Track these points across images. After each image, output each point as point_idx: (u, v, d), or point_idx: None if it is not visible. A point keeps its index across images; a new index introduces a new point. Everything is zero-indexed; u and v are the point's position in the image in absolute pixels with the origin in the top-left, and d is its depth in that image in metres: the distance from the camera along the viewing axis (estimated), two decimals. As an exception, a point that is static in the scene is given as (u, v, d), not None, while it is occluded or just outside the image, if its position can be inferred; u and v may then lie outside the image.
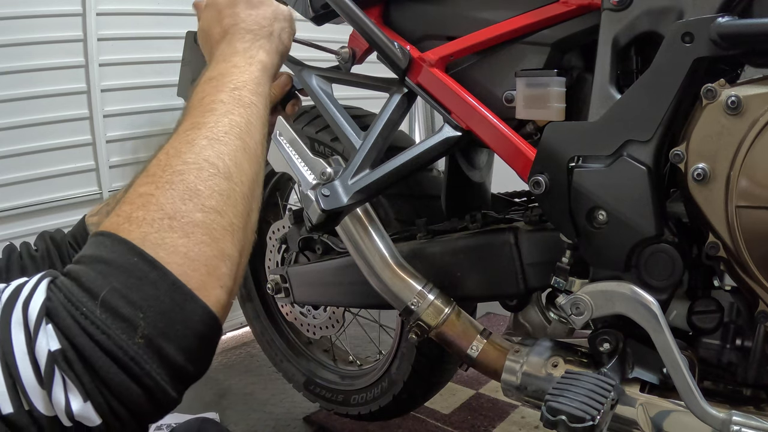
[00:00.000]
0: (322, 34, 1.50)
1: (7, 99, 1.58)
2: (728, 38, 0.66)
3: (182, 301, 0.42)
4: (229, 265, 0.47)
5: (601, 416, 0.69)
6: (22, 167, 1.63)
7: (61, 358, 0.38)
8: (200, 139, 0.51)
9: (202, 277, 0.44)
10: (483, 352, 0.93)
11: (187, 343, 0.42)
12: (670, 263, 0.75)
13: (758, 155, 0.66)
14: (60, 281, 0.41)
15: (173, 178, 0.47)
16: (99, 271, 0.41)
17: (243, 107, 0.57)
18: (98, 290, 0.40)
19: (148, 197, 0.46)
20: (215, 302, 0.44)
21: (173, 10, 1.86)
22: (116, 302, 0.40)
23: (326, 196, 0.85)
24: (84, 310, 0.39)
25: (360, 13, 0.94)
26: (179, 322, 0.42)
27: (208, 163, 0.50)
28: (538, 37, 0.85)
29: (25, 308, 0.39)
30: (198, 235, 0.45)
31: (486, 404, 1.59)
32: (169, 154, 0.50)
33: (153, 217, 0.44)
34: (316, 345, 1.62)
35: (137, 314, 0.40)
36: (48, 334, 0.38)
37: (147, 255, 0.42)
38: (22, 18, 1.58)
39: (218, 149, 0.51)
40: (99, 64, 1.72)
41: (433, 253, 1.01)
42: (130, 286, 0.41)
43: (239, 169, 0.52)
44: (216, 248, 0.46)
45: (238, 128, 0.54)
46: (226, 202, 0.48)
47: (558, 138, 0.80)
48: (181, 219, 0.45)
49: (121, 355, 0.39)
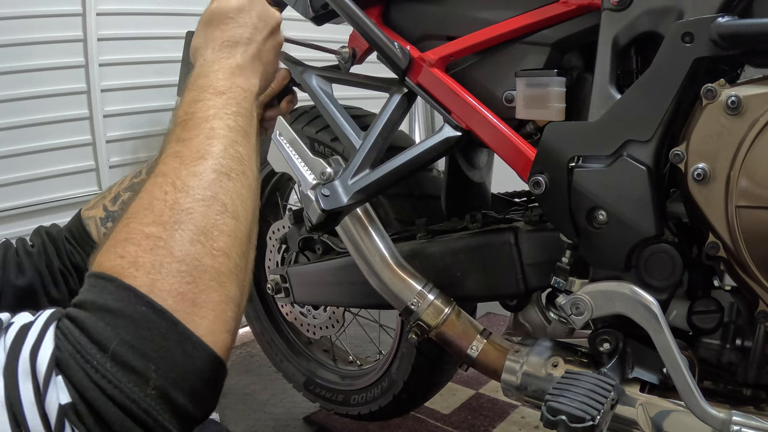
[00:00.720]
0: (322, 34, 1.50)
1: (7, 99, 1.57)
2: (728, 38, 0.66)
3: (192, 351, 0.42)
4: (233, 308, 0.46)
5: (601, 416, 0.69)
6: (22, 167, 1.63)
7: (72, 411, 0.37)
8: (209, 173, 0.49)
9: (209, 324, 0.43)
10: (483, 352, 0.93)
11: (196, 389, 0.42)
12: (670, 263, 0.75)
13: (758, 155, 0.66)
14: (66, 328, 0.40)
15: (182, 218, 0.46)
16: (106, 321, 0.40)
17: (245, 137, 0.56)
18: (107, 342, 0.39)
19: (156, 240, 0.44)
20: (222, 347, 0.44)
21: (173, 10, 1.86)
22: (127, 355, 0.39)
23: (326, 196, 0.85)
24: (95, 363, 0.39)
25: (360, 13, 0.94)
26: (189, 372, 0.42)
27: (216, 200, 0.48)
28: (538, 37, 0.85)
29: (33, 357, 0.38)
30: (206, 281, 0.44)
31: (486, 404, 1.59)
32: (177, 188, 0.48)
33: (161, 263, 0.43)
34: (316, 345, 1.62)
35: (148, 366, 0.40)
36: (58, 387, 0.38)
37: (155, 304, 0.41)
38: (22, 18, 1.57)
39: (226, 186, 0.50)
40: (99, 64, 1.72)
41: (433, 253, 1.01)
42: (140, 338, 0.40)
43: (244, 207, 0.51)
44: (223, 293, 0.45)
45: (242, 161, 0.53)
46: (232, 243, 0.48)
47: (558, 138, 0.80)
48: (190, 263, 0.44)
49: (134, 409, 0.39)
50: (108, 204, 0.83)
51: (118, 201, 0.83)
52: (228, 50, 0.65)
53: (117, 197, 0.83)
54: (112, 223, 0.81)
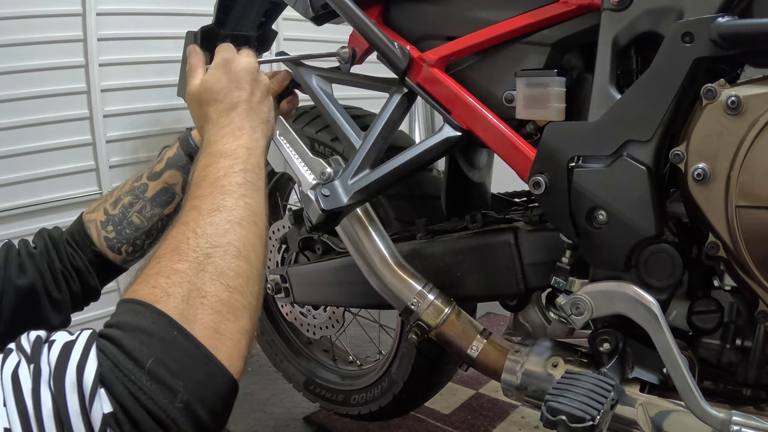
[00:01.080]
0: (322, 34, 1.50)
1: (7, 99, 1.57)
2: (728, 38, 0.66)
3: (214, 372, 0.48)
4: (247, 338, 0.53)
5: (601, 416, 0.69)
6: (22, 167, 1.63)
7: (113, 420, 0.43)
8: (224, 223, 0.57)
9: (228, 349, 0.50)
10: (483, 352, 0.93)
11: (215, 406, 0.48)
12: (670, 263, 0.75)
13: (758, 155, 0.66)
14: (105, 347, 0.46)
15: (203, 260, 0.53)
16: (142, 341, 0.46)
17: (255, 191, 0.63)
18: (144, 360, 0.45)
19: (183, 275, 0.52)
20: (236, 370, 0.51)
21: (173, 10, 1.86)
22: (160, 372, 0.45)
23: (326, 196, 0.85)
24: (133, 378, 0.44)
25: (360, 13, 0.94)
26: (211, 390, 0.48)
27: (231, 246, 0.56)
28: (538, 37, 0.85)
29: (80, 373, 0.43)
30: (225, 313, 0.51)
31: (486, 404, 1.59)
32: (198, 234, 0.55)
33: (189, 295, 0.50)
34: (316, 345, 1.62)
35: (178, 383, 0.46)
36: (102, 399, 0.43)
37: (185, 330, 0.48)
38: (22, 18, 1.57)
39: (239, 233, 0.57)
40: (99, 64, 1.72)
41: (433, 253, 1.01)
42: (172, 358, 0.46)
43: (256, 252, 0.58)
44: (239, 324, 0.52)
45: (253, 213, 0.60)
46: (246, 283, 0.55)
47: (558, 138, 0.80)
48: (211, 298, 0.51)
49: (164, 418, 0.44)
50: (108, 207, 0.83)
51: (119, 205, 0.83)
52: (225, 118, 0.72)
53: (118, 201, 0.83)
54: (112, 226, 0.82)
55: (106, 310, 1.87)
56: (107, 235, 0.82)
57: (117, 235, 0.82)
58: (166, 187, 0.84)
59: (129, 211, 0.82)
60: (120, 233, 0.82)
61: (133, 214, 0.82)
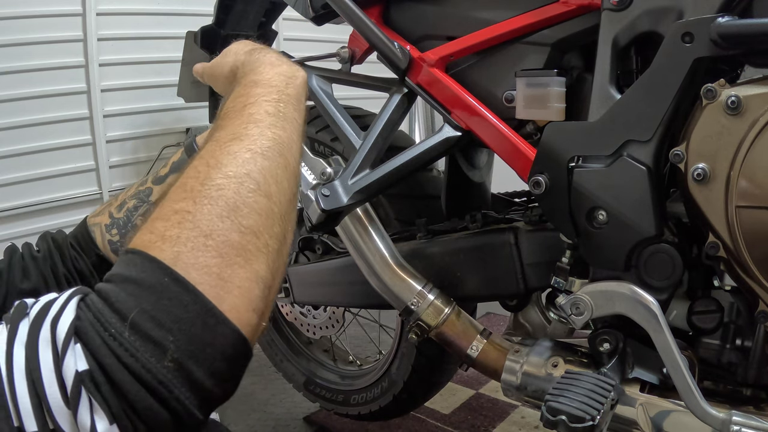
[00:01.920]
0: (322, 34, 1.50)
1: (7, 99, 1.58)
2: (728, 38, 0.66)
3: (213, 324, 0.41)
4: (262, 288, 0.45)
5: (601, 416, 0.69)
6: (22, 167, 1.63)
7: (89, 379, 0.37)
8: (243, 152, 0.49)
9: (234, 299, 0.42)
10: (483, 352, 0.93)
11: (216, 366, 0.41)
12: (670, 263, 0.75)
13: (758, 155, 0.66)
14: (90, 299, 0.41)
15: (212, 193, 0.45)
16: (129, 291, 0.40)
17: (287, 122, 0.55)
18: (127, 311, 0.39)
19: (185, 214, 0.44)
20: (246, 325, 0.43)
21: (173, 10, 1.86)
22: (145, 324, 0.39)
23: (326, 196, 0.85)
24: (113, 332, 0.38)
25: (360, 13, 0.94)
26: (209, 346, 0.41)
27: (249, 178, 0.47)
28: (538, 37, 0.85)
29: (54, 326, 0.39)
30: (232, 256, 0.43)
31: (486, 404, 1.59)
32: (210, 165, 0.47)
33: (188, 236, 0.43)
34: (316, 345, 1.62)
35: (167, 337, 0.39)
36: (76, 354, 0.38)
37: (178, 276, 0.41)
38: (22, 18, 1.58)
39: (261, 164, 0.49)
40: (99, 64, 1.72)
41: (433, 253, 1.01)
42: (160, 308, 0.40)
43: (279, 188, 0.50)
44: (250, 270, 0.44)
45: (281, 144, 0.52)
46: (264, 223, 0.47)
47: (558, 138, 0.80)
48: (217, 238, 0.43)
49: (149, 379, 0.38)
50: (114, 211, 0.83)
51: (124, 208, 0.83)
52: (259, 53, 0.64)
53: (123, 204, 0.83)
54: (116, 230, 0.81)
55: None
56: (111, 239, 0.82)
57: (121, 238, 0.81)
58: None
59: (133, 215, 0.82)
60: (124, 237, 0.81)
61: (137, 218, 0.82)
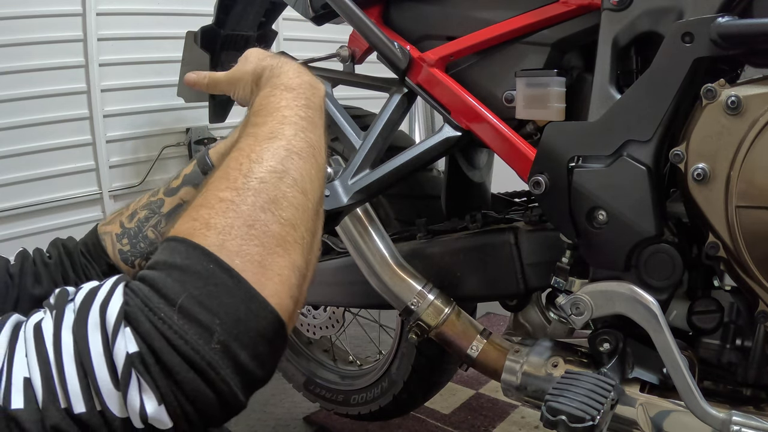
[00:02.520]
0: (322, 34, 1.50)
1: (7, 99, 1.58)
2: (728, 38, 0.66)
3: (257, 309, 0.43)
4: (298, 276, 0.47)
5: (601, 416, 0.69)
6: (22, 167, 1.63)
7: (139, 361, 0.39)
8: (281, 150, 0.52)
9: (275, 286, 0.45)
10: (483, 352, 0.93)
11: (259, 349, 0.43)
12: (670, 263, 0.75)
13: (758, 155, 0.66)
14: (135, 285, 0.42)
15: (255, 185, 0.48)
16: (175, 277, 0.42)
17: (316, 128, 0.59)
18: (175, 297, 0.41)
19: (229, 203, 0.46)
20: (285, 311, 0.45)
21: (173, 10, 1.87)
22: (193, 309, 0.41)
23: (326, 197, 0.85)
24: (162, 315, 0.40)
25: (360, 13, 0.94)
26: (253, 330, 0.43)
27: (288, 175, 0.51)
28: (538, 37, 0.85)
29: (103, 311, 0.40)
30: (272, 246, 0.46)
31: (486, 404, 1.59)
32: (252, 159, 0.50)
33: (232, 224, 0.45)
34: (316, 345, 1.62)
35: (214, 321, 0.41)
36: (126, 338, 0.39)
37: (223, 263, 0.43)
38: (22, 18, 1.58)
39: (298, 163, 0.52)
40: (99, 64, 1.72)
41: (433, 253, 1.01)
42: (207, 294, 0.42)
43: (313, 186, 0.53)
44: (288, 259, 0.47)
45: (313, 147, 0.56)
46: (300, 216, 0.50)
47: (558, 138, 0.80)
48: (259, 228, 0.46)
49: (198, 360, 0.40)
50: (125, 221, 0.83)
51: (135, 218, 0.83)
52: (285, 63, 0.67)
53: (134, 214, 0.84)
54: (127, 239, 0.82)
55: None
56: (122, 248, 0.82)
57: (132, 248, 0.82)
58: (181, 204, 0.83)
59: (144, 225, 0.82)
60: (135, 246, 0.82)
61: (148, 229, 0.82)
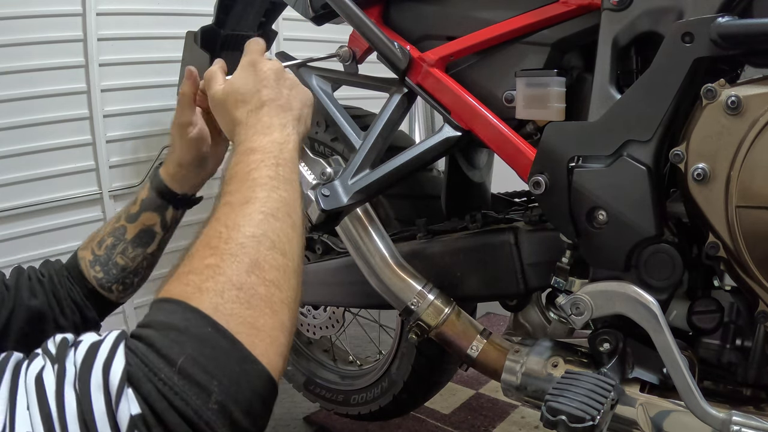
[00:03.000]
0: (322, 34, 1.50)
1: (7, 99, 1.57)
2: (728, 38, 0.66)
3: (251, 370, 0.46)
4: (286, 335, 0.50)
5: (601, 416, 0.69)
6: (22, 167, 1.63)
7: (141, 422, 0.40)
8: (256, 214, 0.55)
9: (266, 346, 0.47)
10: (483, 352, 0.93)
11: (253, 407, 0.45)
12: (670, 263, 0.75)
13: (758, 155, 0.66)
14: (134, 346, 0.44)
15: (237, 251, 0.51)
16: (173, 339, 0.44)
17: (288, 184, 0.60)
18: (175, 358, 0.43)
19: (215, 268, 0.49)
20: (275, 369, 0.48)
21: (173, 10, 1.86)
22: (192, 370, 0.43)
23: (326, 196, 0.85)
24: (162, 377, 0.42)
25: (360, 13, 0.94)
26: (248, 389, 0.45)
27: (266, 237, 0.53)
28: (538, 37, 0.85)
29: (106, 372, 0.42)
30: (261, 307, 0.49)
31: (486, 404, 1.59)
32: (229, 227, 0.53)
33: (222, 288, 0.48)
34: (316, 345, 1.62)
35: (212, 382, 0.43)
36: (129, 399, 0.41)
37: (219, 325, 0.45)
38: (22, 18, 1.57)
39: (273, 225, 0.55)
40: (99, 64, 1.72)
41: (433, 253, 1.01)
42: (205, 355, 0.44)
43: (291, 246, 0.55)
44: (276, 320, 0.49)
45: (287, 204, 0.58)
46: (283, 277, 0.52)
47: (558, 138, 0.80)
48: (247, 291, 0.48)
49: (196, 420, 0.42)
50: (95, 247, 0.84)
51: (103, 246, 0.84)
52: (254, 117, 0.69)
53: (102, 241, 0.84)
54: (99, 267, 0.83)
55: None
56: (96, 275, 0.83)
57: (105, 275, 0.82)
58: (144, 229, 0.84)
59: (113, 252, 0.83)
60: (107, 273, 0.82)
61: (117, 255, 0.83)
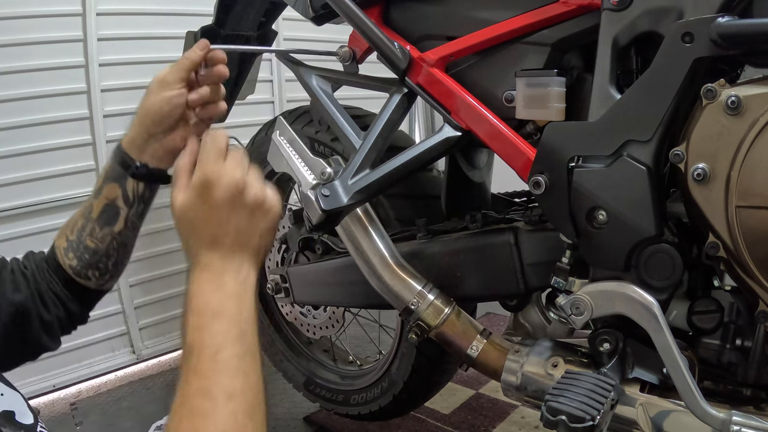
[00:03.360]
0: (322, 34, 1.50)
1: (7, 99, 1.58)
2: (728, 38, 0.66)
3: None
4: None
5: (601, 416, 0.69)
6: (22, 167, 1.63)
7: None
8: (240, 415, 0.56)
9: None
10: (483, 352, 0.93)
11: None
12: (670, 263, 0.75)
13: (758, 155, 0.66)
14: None
15: (226, 405, 0.55)
16: None
17: (254, 360, 0.60)
18: None
19: (209, 412, 0.54)
20: None
21: (173, 10, 1.86)
22: None
23: (326, 196, 0.85)
24: None
25: (360, 13, 0.94)
26: None
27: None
28: (538, 37, 0.85)
29: None
30: None
31: (486, 404, 1.59)
32: (219, 429, 0.55)
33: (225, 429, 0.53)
34: (316, 345, 1.62)
35: None
36: None
37: None
38: (22, 18, 1.57)
39: (246, 423, 0.56)
40: (99, 64, 1.72)
41: (433, 253, 1.01)
42: None
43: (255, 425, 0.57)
44: None
45: (256, 394, 0.59)
46: None
47: (558, 138, 0.80)
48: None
49: None
50: (68, 233, 0.82)
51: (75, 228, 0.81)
52: (205, 256, 0.63)
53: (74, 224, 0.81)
54: (72, 253, 0.80)
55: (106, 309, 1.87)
56: (70, 263, 0.79)
57: (78, 261, 0.79)
58: (108, 203, 0.79)
59: (82, 235, 0.80)
60: (80, 259, 0.79)
61: (86, 238, 0.80)
